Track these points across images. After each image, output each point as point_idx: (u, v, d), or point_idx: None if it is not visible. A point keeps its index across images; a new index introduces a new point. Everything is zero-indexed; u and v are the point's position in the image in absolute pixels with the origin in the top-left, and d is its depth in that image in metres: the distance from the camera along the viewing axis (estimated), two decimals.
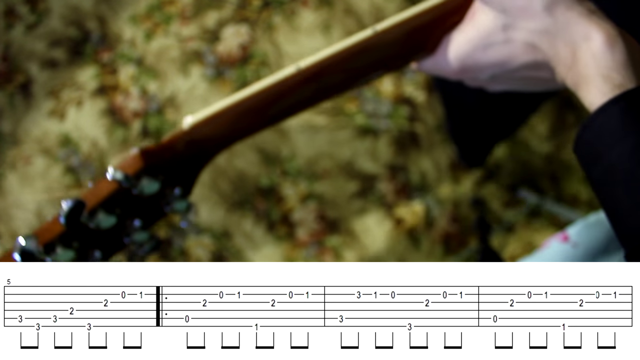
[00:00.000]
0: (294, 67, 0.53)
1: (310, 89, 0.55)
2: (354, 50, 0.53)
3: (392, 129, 1.57)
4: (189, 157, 0.56)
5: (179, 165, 0.55)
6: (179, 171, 0.55)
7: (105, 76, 1.68)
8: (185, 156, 0.55)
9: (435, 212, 1.57)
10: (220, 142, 0.57)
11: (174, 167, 0.55)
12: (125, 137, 1.63)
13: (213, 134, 0.55)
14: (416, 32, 0.54)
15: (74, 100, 1.65)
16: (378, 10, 1.73)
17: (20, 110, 1.63)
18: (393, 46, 0.55)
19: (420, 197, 1.57)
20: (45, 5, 1.76)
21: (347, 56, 0.54)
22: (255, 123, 0.57)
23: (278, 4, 1.71)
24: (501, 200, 1.60)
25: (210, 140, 0.56)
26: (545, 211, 1.58)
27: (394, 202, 1.56)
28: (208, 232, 1.57)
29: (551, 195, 1.60)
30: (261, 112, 0.56)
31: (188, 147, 0.55)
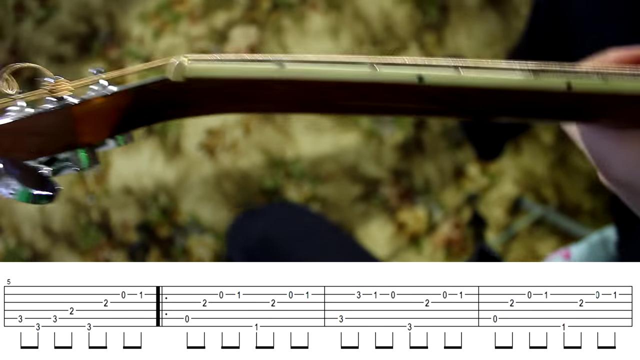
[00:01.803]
0: (415, 76, 0.39)
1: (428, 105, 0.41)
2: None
3: (397, 134, 1.57)
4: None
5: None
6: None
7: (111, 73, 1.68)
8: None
9: (438, 218, 1.57)
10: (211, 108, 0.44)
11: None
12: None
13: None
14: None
15: None
16: (387, 16, 1.73)
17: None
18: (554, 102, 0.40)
19: (423, 202, 1.57)
20: (55, 0, 1.77)
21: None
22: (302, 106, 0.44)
23: (287, 6, 1.71)
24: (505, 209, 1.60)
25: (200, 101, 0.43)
26: (548, 221, 1.58)
27: (397, 207, 1.56)
28: (210, 232, 1.57)
29: (554, 204, 1.59)
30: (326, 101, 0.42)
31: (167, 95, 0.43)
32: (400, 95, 0.40)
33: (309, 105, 0.43)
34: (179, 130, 1.60)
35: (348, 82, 0.40)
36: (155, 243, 1.61)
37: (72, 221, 1.64)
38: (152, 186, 1.60)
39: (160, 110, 0.44)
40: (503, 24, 1.84)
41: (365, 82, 0.40)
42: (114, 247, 1.62)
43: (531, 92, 0.39)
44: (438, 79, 0.39)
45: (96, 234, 1.63)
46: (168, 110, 0.44)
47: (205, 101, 0.43)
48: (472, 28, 1.82)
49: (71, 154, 0.41)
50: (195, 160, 1.59)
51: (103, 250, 1.62)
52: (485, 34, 1.82)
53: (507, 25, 1.84)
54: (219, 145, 1.58)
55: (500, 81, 0.39)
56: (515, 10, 1.85)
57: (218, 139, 1.58)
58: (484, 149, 1.47)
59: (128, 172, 1.62)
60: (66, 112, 0.41)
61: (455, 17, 1.82)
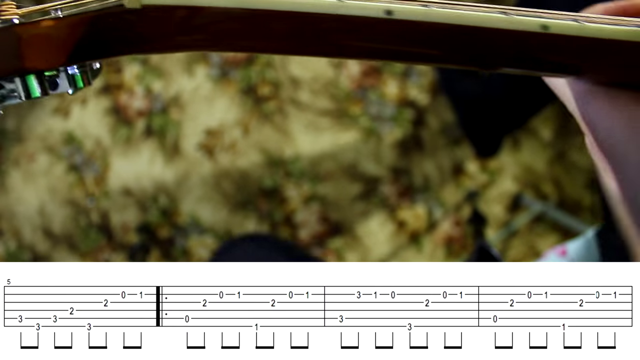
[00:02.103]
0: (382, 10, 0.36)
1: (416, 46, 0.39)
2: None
3: (396, 132, 1.57)
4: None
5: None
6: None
7: (110, 75, 1.68)
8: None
9: (438, 215, 1.57)
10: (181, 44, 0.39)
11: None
12: (129, 135, 1.63)
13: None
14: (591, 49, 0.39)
15: (79, 99, 1.66)
16: None
17: (25, 107, 1.64)
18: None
19: (422, 200, 1.57)
20: None
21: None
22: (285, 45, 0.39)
23: None
24: (504, 206, 1.60)
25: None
26: (548, 217, 1.58)
27: (397, 205, 1.56)
28: (210, 232, 1.57)
29: (554, 200, 1.59)
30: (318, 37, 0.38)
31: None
32: (365, 32, 0.38)
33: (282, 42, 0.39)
34: (177, 131, 1.60)
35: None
36: (156, 244, 1.61)
37: (72, 223, 1.64)
38: (152, 187, 1.60)
39: (114, 42, 0.39)
40: None
41: (330, 14, 0.36)
42: (114, 249, 1.62)
43: (504, 33, 0.37)
44: (407, 13, 0.36)
45: (96, 236, 1.63)
46: (121, 44, 0.39)
47: (161, 35, 0.39)
48: None
49: (18, 81, 0.38)
50: (195, 161, 1.59)
51: (103, 252, 1.63)
52: None
53: None
54: (217, 145, 1.58)
55: (471, 17, 0.37)
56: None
57: (217, 139, 1.58)
58: (482, 145, 1.47)
59: (127, 174, 1.62)
60: (10, 32, 0.37)
61: None
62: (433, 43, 0.38)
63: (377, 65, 1.71)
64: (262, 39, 0.39)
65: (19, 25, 0.37)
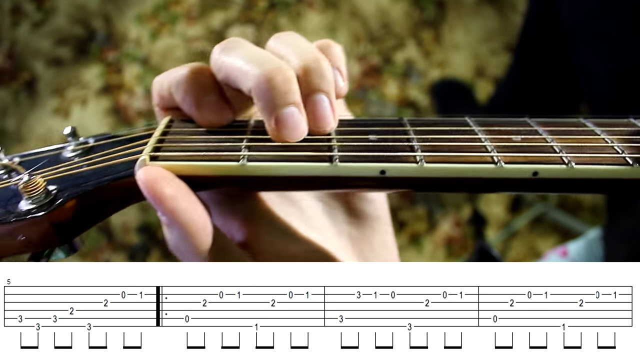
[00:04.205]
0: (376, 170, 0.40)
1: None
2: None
3: None
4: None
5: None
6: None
7: (110, 75, 1.68)
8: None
9: (438, 216, 1.57)
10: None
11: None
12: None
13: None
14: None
15: (79, 99, 1.66)
16: (384, 13, 1.73)
17: (25, 108, 1.64)
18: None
19: (423, 201, 1.57)
20: (52, 3, 1.77)
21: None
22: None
23: (284, 5, 1.71)
24: (505, 206, 1.60)
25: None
26: (548, 218, 1.58)
27: (397, 206, 1.56)
28: None
29: (554, 201, 1.59)
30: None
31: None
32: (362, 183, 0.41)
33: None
34: None
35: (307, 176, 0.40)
36: (156, 245, 1.61)
37: None
38: None
39: (111, 205, 0.43)
40: (500, 19, 1.84)
41: (325, 175, 0.40)
42: (115, 249, 1.62)
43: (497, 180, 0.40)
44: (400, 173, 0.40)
45: (97, 236, 1.63)
46: (116, 204, 0.43)
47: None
48: (469, 24, 1.81)
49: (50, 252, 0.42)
50: None
51: (104, 253, 1.62)
52: (482, 30, 1.82)
53: (504, 20, 1.84)
54: None
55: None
56: (512, 6, 1.85)
57: None
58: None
59: None
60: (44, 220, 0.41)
61: (452, 14, 1.81)
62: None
63: (377, 65, 1.70)
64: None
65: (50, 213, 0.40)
